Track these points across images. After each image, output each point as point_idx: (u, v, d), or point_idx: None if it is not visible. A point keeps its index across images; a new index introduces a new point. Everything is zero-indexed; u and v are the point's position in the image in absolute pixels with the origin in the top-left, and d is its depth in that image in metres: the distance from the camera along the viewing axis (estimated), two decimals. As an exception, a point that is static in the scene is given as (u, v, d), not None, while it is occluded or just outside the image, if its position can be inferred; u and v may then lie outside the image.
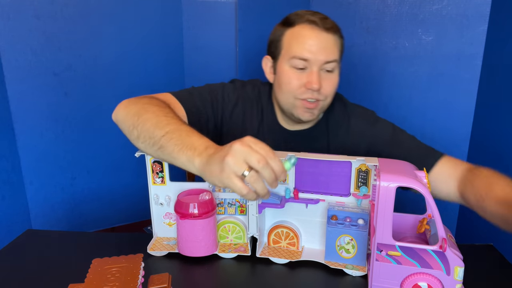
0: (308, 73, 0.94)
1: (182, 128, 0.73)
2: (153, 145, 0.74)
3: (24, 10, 1.32)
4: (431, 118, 1.57)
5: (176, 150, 0.70)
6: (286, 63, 0.96)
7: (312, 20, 0.94)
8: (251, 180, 0.61)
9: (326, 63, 0.94)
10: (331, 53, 0.94)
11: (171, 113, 0.80)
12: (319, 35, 0.93)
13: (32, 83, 1.37)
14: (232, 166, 0.60)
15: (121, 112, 0.85)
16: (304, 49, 0.93)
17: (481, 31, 1.43)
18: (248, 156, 0.60)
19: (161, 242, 0.89)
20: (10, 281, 0.78)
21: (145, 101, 0.84)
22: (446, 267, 0.63)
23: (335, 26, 0.97)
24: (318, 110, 0.98)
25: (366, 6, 1.60)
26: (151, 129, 0.75)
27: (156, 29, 1.58)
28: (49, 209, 1.50)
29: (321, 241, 0.85)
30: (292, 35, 0.96)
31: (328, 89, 0.96)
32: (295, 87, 0.95)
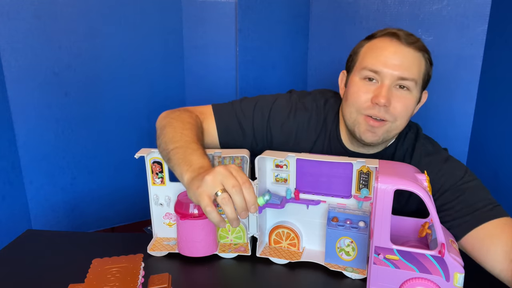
0: (378, 86, 0.85)
1: (189, 146, 0.79)
2: (165, 156, 0.81)
3: (24, 10, 1.31)
4: (431, 118, 1.57)
5: (176, 164, 0.76)
6: (357, 75, 0.89)
7: (393, 32, 0.86)
8: (222, 201, 0.65)
9: (400, 79, 0.84)
10: (408, 70, 0.84)
11: (189, 130, 0.85)
12: (397, 48, 0.85)
13: (32, 83, 1.37)
14: (209, 184, 0.66)
15: (158, 122, 0.93)
16: (377, 61, 0.85)
17: (481, 31, 1.43)
18: (226, 179, 0.66)
19: (161, 242, 0.89)
20: (10, 281, 0.78)
21: (175, 115, 0.90)
22: (446, 273, 0.63)
23: (421, 45, 0.87)
24: (383, 131, 0.87)
25: (366, 6, 1.60)
26: (167, 142, 0.82)
27: (156, 29, 1.58)
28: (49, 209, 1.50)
29: (321, 242, 0.85)
30: (369, 47, 0.89)
31: (399, 109, 0.85)
32: (362, 100, 0.86)
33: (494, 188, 1.34)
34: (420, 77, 0.87)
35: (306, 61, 1.77)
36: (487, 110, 1.42)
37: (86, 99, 1.49)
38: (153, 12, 1.56)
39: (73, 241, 0.95)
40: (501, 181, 1.31)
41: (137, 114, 1.60)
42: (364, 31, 1.61)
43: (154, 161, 0.87)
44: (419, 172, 0.70)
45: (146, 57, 1.58)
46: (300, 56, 1.76)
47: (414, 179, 0.65)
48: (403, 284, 0.66)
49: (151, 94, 1.60)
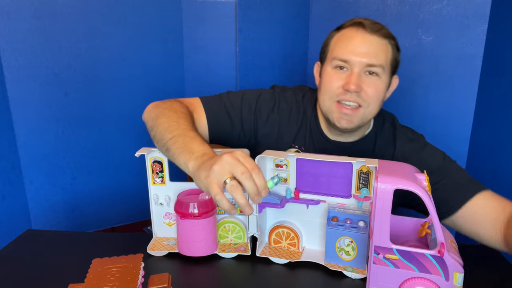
0: (348, 74, 0.90)
1: (187, 134, 0.79)
2: (163, 146, 0.81)
3: (24, 10, 1.31)
4: (431, 118, 1.57)
5: (177, 153, 0.76)
6: (329, 65, 0.94)
7: (359, 22, 0.91)
8: (231, 188, 0.65)
9: (368, 66, 0.89)
10: (375, 57, 0.89)
11: (184, 119, 0.85)
12: (364, 36, 0.90)
13: (32, 83, 1.37)
14: (217, 173, 0.65)
15: (146, 114, 0.92)
16: (346, 50, 0.90)
17: (481, 31, 1.43)
18: (234, 167, 0.65)
19: (161, 242, 0.89)
20: (10, 281, 0.78)
21: (166, 106, 0.90)
22: (445, 273, 0.63)
23: (386, 32, 0.92)
24: (357, 118, 0.92)
25: (366, 6, 1.60)
26: (162, 132, 0.82)
27: (156, 29, 1.58)
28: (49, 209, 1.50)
29: (321, 242, 0.85)
30: (338, 37, 0.94)
31: (370, 93, 0.90)
32: (334, 88, 0.91)
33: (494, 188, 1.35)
34: (387, 62, 0.92)
35: (306, 61, 1.77)
36: (487, 110, 1.42)
37: (86, 99, 1.49)
38: (153, 12, 1.56)
39: (73, 241, 0.95)
40: (501, 181, 1.31)
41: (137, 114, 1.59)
42: (364, 31, 1.62)
43: (154, 160, 0.87)
44: (419, 172, 0.70)
45: (146, 57, 1.58)
46: (300, 56, 1.76)
47: (414, 179, 0.65)
48: (403, 283, 0.66)
49: (151, 94, 1.60)
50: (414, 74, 1.56)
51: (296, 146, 1.03)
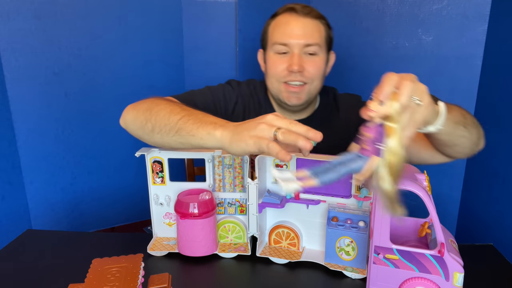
0: (290, 56, 0.99)
1: (197, 112, 0.77)
2: (170, 131, 0.76)
3: (24, 10, 1.32)
4: (431, 118, 1.57)
5: (195, 128, 0.73)
6: (271, 50, 1.02)
7: (291, 7, 1.00)
8: (284, 135, 0.62)
9: (306, 46, 0.98)
10: (311, 37, 0.98)
11: (179, 104, 0.84)
12: (297, 20, 0.98)
13: (32, 83, 1.37)
14: (265, 129, 0.64)
15: (130, 114, 0.87)
16: (284, 34, 0.98)
17: (481, 31, 1.43)
18: (279, 121, 0.65)
19: (161, 242, 0.89)
20: (10, 281, 0.78)
21: (153, 100, 0.88)
22: (445, 273, 0.63)
23: (316, 13, 1.01)
24: (304, 94, 1.01)
25: (366, 6, 1.60)
26: (166, 116, 0.78)
27: (156, 29, 1.58)
28: (49, 209, 1.50)
29: (321, 242, 0.85)
30: (275, 24, 1.02)
31: (312, 71, 0.99)
32: (279, 71, 1.00)
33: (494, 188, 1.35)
34: (322, 40, 1.01)
35: (306, 61, 1.77)
36: (487, 110, 1.42)
37: (86, 99, 1.49)
38: (153, 12, 1.56)
39: (73, 241, 0.95)
40: (501, 181, 1.31)
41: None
42: (364, 31, 1.63)
43: (154, 160, 0.87)
44: (419, 172, 0.70)
45: (146, 57, 1.58)
46: (300, 56, 1.76)
47: (413, 179, 0.65)
48: (403, 283, 0.66)
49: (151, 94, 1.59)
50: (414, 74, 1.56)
51: None
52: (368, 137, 0.54)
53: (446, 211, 1.59)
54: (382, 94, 0.54)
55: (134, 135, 0.87)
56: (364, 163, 0.55)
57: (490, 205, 1.37)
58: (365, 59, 1.64)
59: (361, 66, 1.65)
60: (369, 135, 0.54)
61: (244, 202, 0.87)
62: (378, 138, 0.53)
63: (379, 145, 0.53)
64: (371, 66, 1.64)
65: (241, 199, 0.87)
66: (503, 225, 1.28)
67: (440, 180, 1.54)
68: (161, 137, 0.79)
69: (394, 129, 0.52)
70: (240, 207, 0.88)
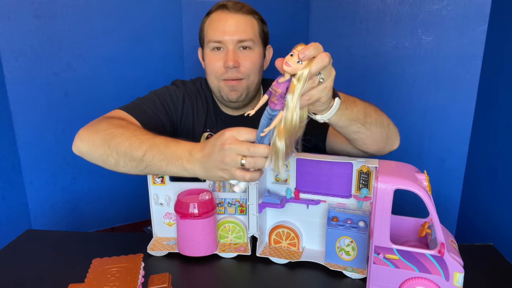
0: (225, 53, 1.01)
1: (156, 142, 0.76)
2: (138, 166, 0.76)
3: (24, 10, 1.31)
4: (431, 118, 1.57)
5: (164, 165, 0.74)
6: (207, 48, 1.04)
7: (223, 5, 1.02)
8: (250, 164, 0.66)
9: (240, 42, 1.00)
10: (243, 32, 1.00)
11: (137, 130, 0.81)
12: (229, 17, 1.00)
13: (32, 83, 1.37)
14: (231, 163, 0.66)
15: (84, 145, 0.83)
16: (217, 32, 1.00)
17: (481, 31, 1.43)
18: (239, 149, 0.66)
19: (161, 242, 0.89)
20: (10, 281, 0.78)
21: (104, 127, 0.83)
22: (445, 273, 0.63)
23: (248, 9, 1.03)
24: (242, 88, 1.03)
25: (366, 6, 1.60)
26: (127, 151, 0.76)
27: (156, 29, 1.58)
28: (49, 209, 1.50)
29: (321, 242, 0.85)
30: (209, 22, 1.04)
31: (247, 66, 1.01)
32: (216, 68, 1.01)
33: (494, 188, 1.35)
34: (256, 35, 1.03)
35: (306, 61, 1.77)
36: (487, 110, 1.42)
37: (86, 99, 1.49)
38: (153, 12, 1.56)
39: (73, 241, 0.95)
40: (501, 181, 1.31)
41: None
42: (364, 31, 1.63)
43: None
44: (419, 172, 0.70)
45: (146, 57, 1.58)
46: (300, 56, 1.76)
47: (414, 178, 0.65)
48: (403, 283, 0.66)
49: (151, 94, 1.60)
50: (414, 74, 1.56)
51: (208, 130, 1.11)
52: (277, 92, 0.59)
53: (446, 211, 1.59)
54: (304, 54, 0.57)
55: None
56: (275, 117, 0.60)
57: (490, 205, 1.37)
58: (365, 59, 1.64)
59: (361, 66, 1.65)
60: (279, 90, 0.58)
61: (244, 202, 0.87)
62: (285, 94, 0.58)
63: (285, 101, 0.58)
64: (371, 66, 1.63)
65: (241, 199, 0.87)
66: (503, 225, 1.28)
67: (440, 180, 1.54)
68: (129, 170, 0.78)
69: (296, 87, 0.57)
70: (240, 207, 0.88)
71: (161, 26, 1.58)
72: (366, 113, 0.80)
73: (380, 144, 0.88)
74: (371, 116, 0.82)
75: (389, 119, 0.90)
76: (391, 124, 0.91)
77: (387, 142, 0.90)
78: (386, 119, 0.88)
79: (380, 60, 1.61)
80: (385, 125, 0.87)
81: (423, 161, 1.59)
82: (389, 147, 0.93)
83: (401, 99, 1.61)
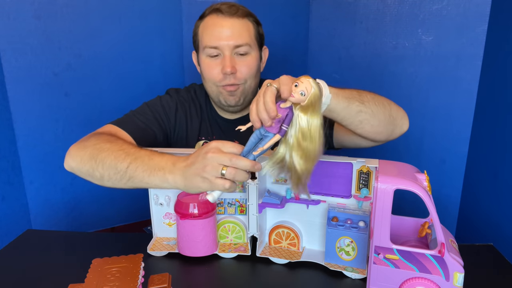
0: (222, 59, 0.99)
1: (141, 154, 0.78)
2: (121, 179, 0.78)
3: (24, 10, 1.31)
4: (431, 118, 1.57)
5: (146, 176, 0.75)
6: (203, 54, 1.02)
7: (217, 8, 0.99)
8: (230, 175, 0.68)
9: (236, 47, 0.98)
10: (240, 37, 0.98)
11: (124, 144, 0.82)
12: (224, 21, 0.98)
13: (32, 83, 1.37)
14: (212, 172, 0.68)
15: (74, 161, 0.87)
16: (213, 37, 0.98)
17: (481, 31, 1.43)
18: (220, 159, 0.68)
19: (161, 242, 0.89)
20: (10, 281, 0.78)
21: (93, 142, 0.86)
22: (445, 273, 0.63)
23: (243, 12, 1.00)
24: (240, 93, 1.02)
25: (366, 6, 1.60)
26: (112, 165, 0.78)
27: (156, 29, 1.58)
28: (49, 209, 1.50)
29: (321, 242, 0.85)
30: (203, 26, 1.02)
31: (244, 72, 1.00)
32: (215, 75, 1.00)
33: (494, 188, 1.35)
34: (252, 39, 1.01)
35: (306, 61, 1.77)
36: (487, 110, 1.42)
37: (86, 99, 1.49)
38: (153, 12, 1.56)
39: (73, 241, 0.95)
40: (501, 181, 1.31)
41: (137, 114, 1.60)
42: (364, 31, 1.63)
43: (154, 161, 0.87)
44: (419, 172, 0.70)
45: (146, 57, 1.58)
46: (300, 56, 1.76)
47: (414, 178, 0.65)
48: (403, 283, 0.66)
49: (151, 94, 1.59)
50: (414, 74, 1.57)
51: (203, 138, 1.11)
52: (277, 116, 0.62)
53: (446, 211, 1.59)
54: (305, 88, 0.61)
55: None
56: (268, 140, 0.65)
57: (490, 205, 1.37)
58: (365, 59, 1.64)
59: (361, 66, 1.65)
60: (279, 115, 0.62)
61: (244, 202, 0.87)
62: (284, 120, 0.62)
63: (284, 127, 0.63)
64: (371, 66, 1.64)
65: (241, 199, 0.87)
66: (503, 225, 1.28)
67: (440, 180, 1.54)
68: (113, 184, 0.81)
69: (302, 117, 0.62)
70: (240, 207, 0.88)
71: (161, 26, 1.58)
72: (358, 93, 0.80)
73: (387, 126, 0.86)
74: (366, 95, 0.81)
75: (389, 100, 0.88)
76: (393, 104, 0.88)
77: (394, 122, 0.87)
78: (386, 100, 0.86)
79: (380, 60, 1.61)
80: (386, 104, 0.85)
81: (423, 161, 1.59)
82: (398, 129, 0.90)
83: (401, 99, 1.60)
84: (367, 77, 1.65)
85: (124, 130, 0.96)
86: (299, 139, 0.63)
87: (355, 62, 1.66)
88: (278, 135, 0.63)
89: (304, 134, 0.62)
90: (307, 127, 0.62)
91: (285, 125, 0.62)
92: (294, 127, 0.62)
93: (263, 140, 0.65)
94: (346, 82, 1.69)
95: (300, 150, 0.63)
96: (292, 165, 0.65)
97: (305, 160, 0.64)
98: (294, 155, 0.64)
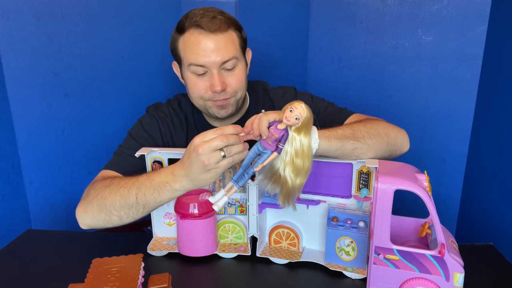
0: (210, 76, 0.95)
1: (141, 181, 0.80)
2: (137, 211, 0.81)
3: (24, 10, 1.31)
4: (431, 118, 1.57)
5: (157, 196, 0.78)
6: (187, 71, 0.97)
7: (198, 24, 0.92)
8: (230, 154, 0.71)
9: (223, 63, 0.94)
10: (226, 52, 0.93)
11: (121, 181, 0.84)
12: (207, 39, 0.92)
13: (32, 83, 1.37)
14: (212, 161, 0.70)
15: (86, 219, 0.86)
16: (197, 55, 0.93)
17: (481, 31, 1.43)
18: (213, 145, 0.70)
19: (161, 242, 0.89)
20: (10, 281, 0.78)
21: (94, 195, 0.86)
22: (445, 273, 0.63)
23: (225, 23, 0.94)
24: (231, 105, 1.00)
25: (366, 6, 1.60)
26: (123, 204, 0.80)
27: (156, 29, 1.58)
28: (49, 209, 1.50)
29: (321, 242, 0.85)
30: (184, 43, 0.96)
31: (234, 86, 0.97)
32: (202, 92, 0.97)
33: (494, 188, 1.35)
34: (238, 49, 0.97)
35: (306, 61, 1.77)
36: (487, 110, 1.42)
37: (86, 99, 1.49)
38: (153, 12, 1.56)
39: (73, 241, 0.95)
40: (501, 181, 1.31)
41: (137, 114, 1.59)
42: (364, 31, 1.63)
43: (154, 160, 0.87)
44: (419, 172, 0.70)
45: (146, 57, 1.58)
46: (300, 56, 1.76)
47: (414, 179, 0.65)
48: (403, 284, 0.66)
49: (151, 94, 1.60)
50: (414, 74, 1.57)
51: None
52: (274, 136, 0.68)
53: (446, 211, 1.59)
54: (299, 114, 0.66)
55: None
56: (266, 156, 0.70)
57: (490, 205, 1.37)
58: (365, 59, 1.64)
59: (361, 66, 1.66)
60: (276, 135, 0.68)
61: (244, 202, 0.87)
62: (281, 139, 0.68)
63: (281, 145, 0.69)
64: (371, 66, 1.64)
65: (241, 199, 0.87)
66: (503, 225, 1.28)
67: (440, 180, 1.54)
68: (133, 218, 0.83)
69: (296, 137, 0.69)
70: (240, 207, 0.88)
71: (161, 26, 1.58)
72: (352, 129, 0.82)
73: (385, 153, 0.86)
74: (360, 131, 0.82)
75: (387, 127, 0.89)
76: (391, 129, 0.89)
77: (392, 149, 0.88)
78: (382, 128, 0.87)
79: (380, 60, 1.61)
80: (382, 135, 0.85)
81: (423, 161, 1.59)
82: (398, 151, 0.91)
83: (401, 99, 1.61)
84: (367, 77, 1.65)
85: (117, 171, 0.96)
86: (292, 156, 0.69)
87: (355, 62, 1.66)
88: (276, 153, 0.70)
89: (297, 152, 0.69)
90: (300, 146, 0.69)
91: (282, 144, 0.69)
92: (289, 145, 0.69)
93: (261, 156, 0.71)
94: (346, 83, 1.69)
95: (293, 166, 0.70)
96: (284, 178, 0.71)
97: (296, 175, 0.70)
98: (287, 170, 0.70)
